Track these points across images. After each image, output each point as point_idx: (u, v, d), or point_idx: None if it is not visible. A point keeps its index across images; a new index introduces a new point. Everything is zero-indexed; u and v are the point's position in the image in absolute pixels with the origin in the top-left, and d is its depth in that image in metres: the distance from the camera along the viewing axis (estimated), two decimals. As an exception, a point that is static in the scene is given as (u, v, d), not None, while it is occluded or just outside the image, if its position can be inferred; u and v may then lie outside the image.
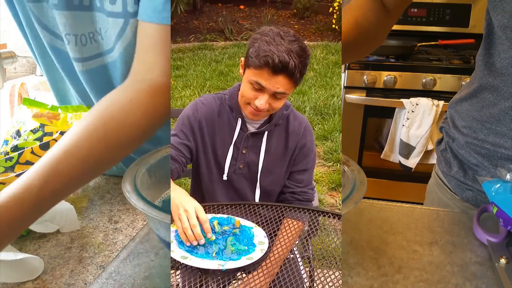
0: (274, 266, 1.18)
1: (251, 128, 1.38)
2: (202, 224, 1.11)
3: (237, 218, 1.26)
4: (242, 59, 1.30)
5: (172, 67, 5.27)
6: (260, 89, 1.23)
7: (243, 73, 1.28)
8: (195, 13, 7.61)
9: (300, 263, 1.36)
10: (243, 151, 1.36)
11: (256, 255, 1.15)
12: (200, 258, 1.12)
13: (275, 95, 1.23)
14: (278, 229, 1.29)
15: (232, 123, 1.35)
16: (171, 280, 1.30)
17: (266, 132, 1.37)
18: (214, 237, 1.13)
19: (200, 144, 1.35)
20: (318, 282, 0.98)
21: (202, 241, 1.11)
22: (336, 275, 0.98)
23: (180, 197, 1.15)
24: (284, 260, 1.24)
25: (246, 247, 1.16)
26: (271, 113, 1.33)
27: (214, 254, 1.14)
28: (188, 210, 1.10)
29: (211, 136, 1.36)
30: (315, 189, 1.46)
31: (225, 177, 1.38)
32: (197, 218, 1.12)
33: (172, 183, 1.20)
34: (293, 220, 1.31)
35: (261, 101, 1.23)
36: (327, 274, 0.96)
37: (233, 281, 1.25)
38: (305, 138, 1.41)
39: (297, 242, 1.35)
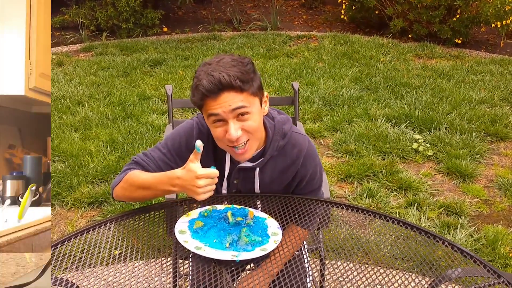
0: (274, 266, 1.19)
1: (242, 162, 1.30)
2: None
3: (251, 209, 1.27)
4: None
5: (181, 57, 5.26)
6: (220, 119, 1.15)
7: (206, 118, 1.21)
8: (204, 3, 7.58)
9: (306, 260, 1.36)
10: (235, 181, 1.33)
11: (270, 246, 1.16)
12: (214, 248, 1.13)
13: (238, 117, 1.15)
14: (291, 220, 1.30)
15: (222, 157, 1.29)
16: (185, 269, 1.32)
17: (258, 168, 1.31)
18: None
19: None
20: (331, 273, 0.98)
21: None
22: (350, 266, 0.99)
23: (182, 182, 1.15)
24: (289, 257, 1.24)
25: (260, 238, 1.17)
26: (255, 140, 1.22)
27: (227, 245, 1.15)
28: (199, 179, 1.12)
29: (202, 162, 1.31)
30: (323, 195, 1.43)
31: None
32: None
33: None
34: (298, 229, 1.30)
35: (232, 130, 1.14)
36: (341, 266, 0.97)
37: (247, 271, 1.27)
38: (305, 167, 1.32)
39: (299, 250, 1.34)
